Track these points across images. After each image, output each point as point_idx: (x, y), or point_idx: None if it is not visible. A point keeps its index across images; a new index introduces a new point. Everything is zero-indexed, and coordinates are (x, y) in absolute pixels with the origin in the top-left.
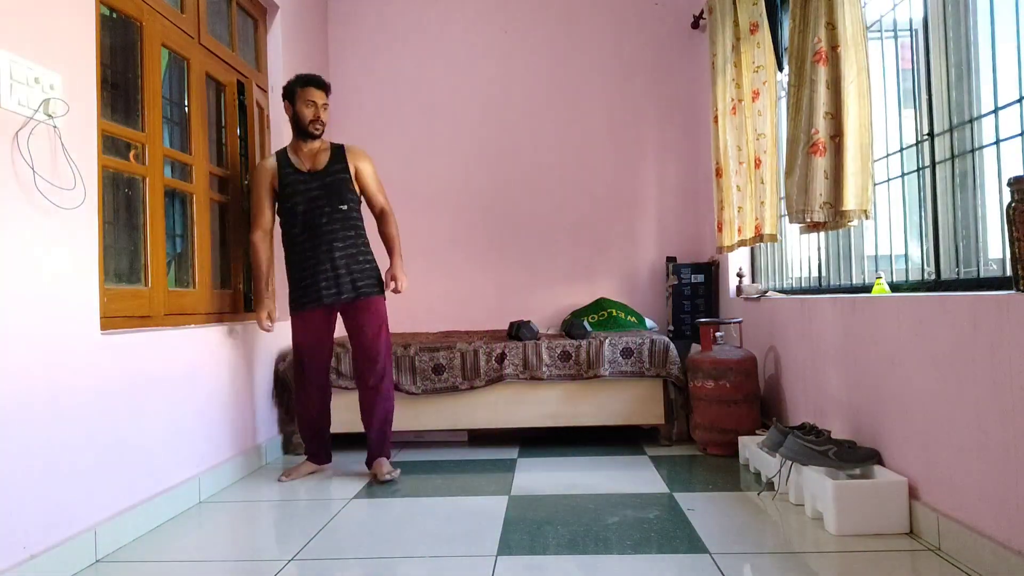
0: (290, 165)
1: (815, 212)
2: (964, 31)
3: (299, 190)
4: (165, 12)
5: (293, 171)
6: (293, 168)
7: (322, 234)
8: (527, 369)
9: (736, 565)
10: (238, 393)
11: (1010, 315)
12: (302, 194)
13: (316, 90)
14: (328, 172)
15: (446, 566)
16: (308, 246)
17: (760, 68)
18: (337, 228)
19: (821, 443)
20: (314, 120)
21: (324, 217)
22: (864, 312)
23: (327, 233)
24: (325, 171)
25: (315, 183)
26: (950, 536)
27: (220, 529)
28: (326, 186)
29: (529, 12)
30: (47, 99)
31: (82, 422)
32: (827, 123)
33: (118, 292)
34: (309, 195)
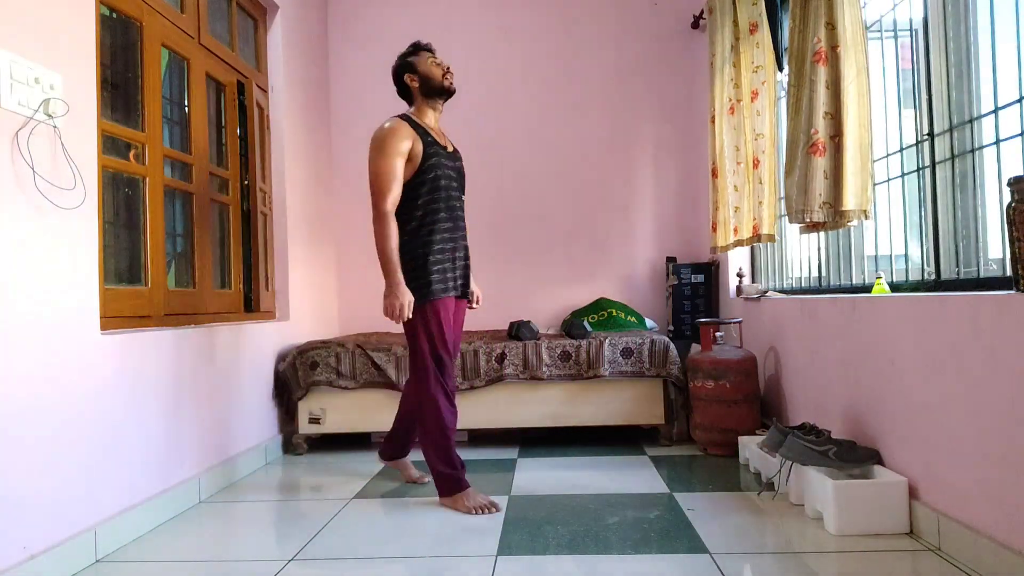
0: (429, 134)
1: (815, 212)
2: (964, 31)
3: (443, 165)
4: (165, 12)
5: (434, 142)
6: (433, 139)
7: (458, 219)
8: (527, 369)
9: (736, 565)
10: (238, 393)
11: (1010, 315)
12: (444, 169)
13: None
14: (457, 155)
15: (446, 566)
16: (449, 227)
17: (759, 68)
18: (463, 217)
19: (821, 443)
20: (446, 71)
21: (458, 202)
22: (864, 312)
23: (461, 219)
24: (455, 153)
25: (452, 163)
26: (950, 536)
27: (220, 529)
28: (459, 171)
29: (529, 12)
30: (47, 99)
31: (82, 422)
32: (827, 123)
33: (118, 292)
34: (449, 175)
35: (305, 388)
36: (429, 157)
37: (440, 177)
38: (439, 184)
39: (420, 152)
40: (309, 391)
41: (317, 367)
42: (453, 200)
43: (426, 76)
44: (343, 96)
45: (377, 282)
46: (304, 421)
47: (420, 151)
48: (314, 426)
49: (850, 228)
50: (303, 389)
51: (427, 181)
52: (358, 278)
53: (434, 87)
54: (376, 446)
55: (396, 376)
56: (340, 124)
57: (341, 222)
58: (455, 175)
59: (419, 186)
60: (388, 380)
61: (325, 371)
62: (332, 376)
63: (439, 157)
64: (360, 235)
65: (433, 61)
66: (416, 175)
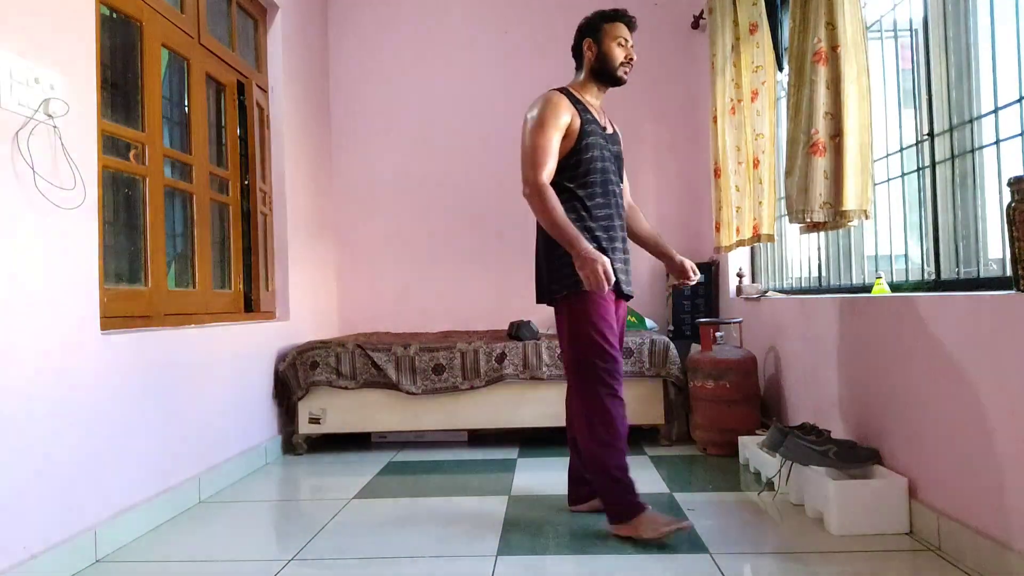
0: (588, 111)
1: (815, 212)
2: (964, 31)
3: (600, 144)
4: (165, 12)
5: (593, 120)
6: (592, 116)
7: (617, 206)
8: (527, 369)
9: (736, 565)
10: (238, 393)
11: (1010, 315)
12: (601, 150)
13: (627, 28)
14: (617, 139)
15: (446, 566)
16: (606, 214)
17: (759, 68)
18: (622, 204)
19: (821, 443)
20: (626, 63)
21: (617, 187)
22: (864, 312)
23: (619, 207)
24: (615, 135)
25: (611, 145)
26: (950, 536)
27: (220, 529)
28: (617, 155)
29: (529, 13)
30: (47, 99)
31: (82, 422)
32: (827, 123)
33: (118, 292)
34: (606, 155)
35: (305, 388)
36: (587, 135)
37: (597, 159)
38: (595, 166)
39: (577, 128)
40: (309, 391)
41: (317, 367)
42: (611, 185)
43: (604, 53)
44: (343, 96)
45: (377, 282)
46: (304, 421)
47: (577, 127)
48: (314, 426)
49: (850, 228)
50: (303, 389)
51: (583, 161)
52: (358, 278)
53: (606, 69)
54: (376, 446)
55: (396, 376)
56: (340, 124)
57: (341, 222)
58: (612, 159)
59: (578, 165)
60: (388, 380)
61: (325, 371)
62: (332, 376)
63: (597, 136)
64: (360, 235)
65: (621, 40)
66: (571, 154)
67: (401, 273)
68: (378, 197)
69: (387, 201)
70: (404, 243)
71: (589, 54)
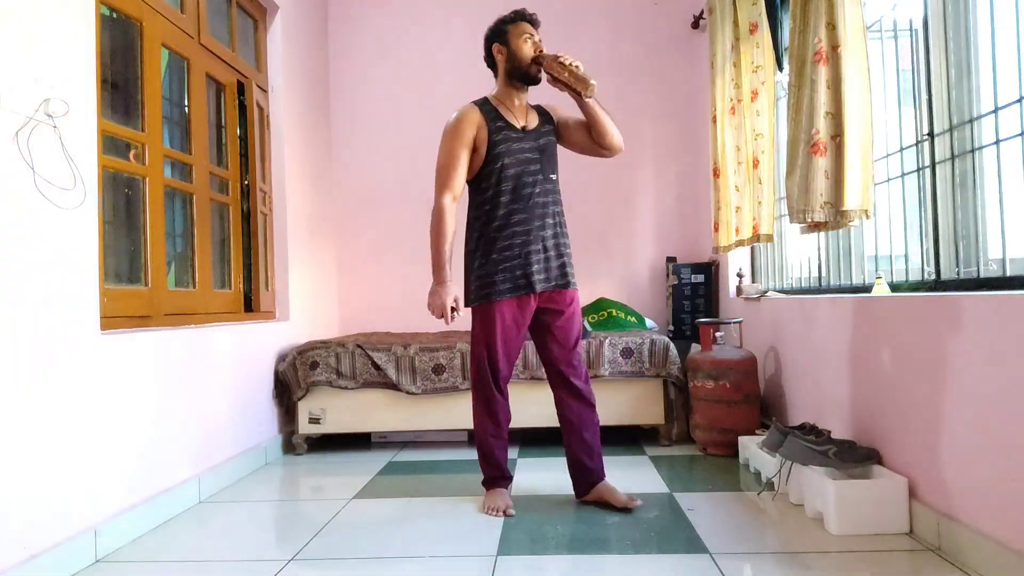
0: (500, 118)
1: (816, 212)
2: (964, 31)
3: (511, 150)
4: (165, 12)
5: (505, 125)
6: (505, 122)
7: (534, 207)
8: (527, 369)
9: (736, 565)
10: (238, 393)
11: (1010, 315)
12: (514, 155)
13: (529, 25)
14: (541, 132)
15: (446, 566)
16: (516, 220)
17: (759, 68)
18: (549, 202)
19: (821, 443)
20: (536, 56)
21: (537, 187)
22: (864, 312)
23: (539, 206)
24: (538, 130)
25: (528, 143)
26: (950, 536)
27: (220, 529)
28: (541, 148)
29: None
30: (47, 99)
31: (82, 422)
32: (827, 123)
33: (118, 292)
34: (521, 156)
35: (305, 388)
36: (496, 145)
37: (508, 166)
38: (506, 174)
39: (485, 139)
40: (309, 391)
41: (317, 367)
42: (526, 188)
43: (513, 53)
44: (343, 96)
45: (377, 282)
46: (304, 421)
47: (485, 138)
48: (314, 426)
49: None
50: (303, 389)
51: (488, 173)
52: (358, 278)
53: (517, 68)
54: (376, 446)
55: (396, 376)
56: (340, 124)
57: (341, 222)
58: (534, 156)
59: (484, 177)
60: (388, 380)
61: (325, 371)
62: (332, 376)
63: (509, 142)
64: (360, 235)
65: (527, 36)
66: (483, 165)
67: (401, 273)
68: (378, 197)
69: (387, 201)
70: (404, 243)
71: (500, 58)
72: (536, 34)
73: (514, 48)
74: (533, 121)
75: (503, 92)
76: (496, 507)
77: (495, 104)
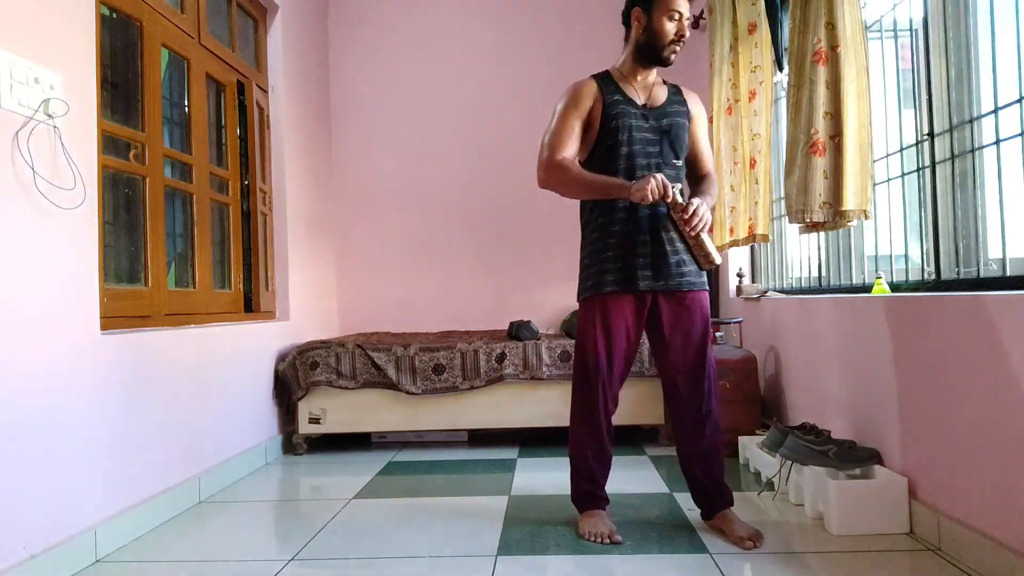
0: (620, 92)
1: (815, 212)
2: (964, 31)
3: (628, 126)
4: (165, 12)
5: (623, 100)
6: (623, 96)
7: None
8: (527, 369)
9: (736, 565)
10: (238, 393)
11: (1010, 315)
12: (631, 132)
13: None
14: (666, 112)
15: (446, 566)
16: (629, 205)
17: (757, 68)
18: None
19: (821, 443)
20: (677, 39)
21: (652, 170)
22: (864, 312)
23: None
24: (663, 109)
25: (649, 122)
26: (950, 536)
27: (220, 529)
28: (663, 130)
29: (529, 12)
30: (47, 99)
31: (82, 422)
32: (827, 123)
33: (118, 292)
34: (639, 136)
35: (305, 388)
36: (611, 119)
37: (623, 143)
38: (619, 152)
39: (600, 113)
40: (309, 391)
41: (317, 367)
42: (639, 170)
43: (653, 29)
44: (343, 96)
45: (377, 282)
46: (304, 421)
47: (599, 113)
48: (314, 426)
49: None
50: (303, 389)
51: (604, 150)
52: (358, 278)
53: (651, 47)
54: (376, 446)
55: (396, 376)
56: (340, 124)
57: (341, 222)
58: (653, 135)
59: (599, 155)
60: (388, 380)
61: (325, 371)
62: (332, 376)
63: (627, 117)
64: (360, 235)
65: (676, 14)
66: (597, 141)
67: (401, 273)
68: (378, 197)
69: (387, 201)
70: (404, 243)
71: (636, 25)
72: (687, 11)
73: (655, 22)
74: (659, 99)
75: (627, 65)
76: (598, 533)
77: (616, 77)
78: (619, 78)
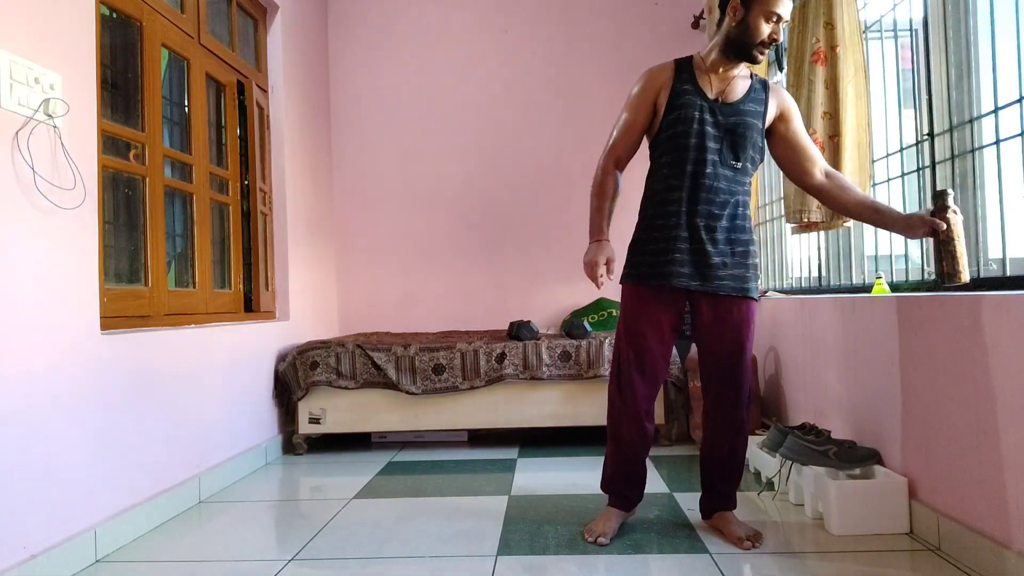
0: (692, 81)
1: (812, 212)
2: (964, 31)
3: (689, 118)
4: (165, 12)
5: (693, 90)
6: (694, 86)
7: (700, 188)
8: (527, 369)
9: (736, 565)
10: (238, 393)
11: (1010, 315)
12: (690, 124)
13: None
14: (739, 109)
15: (446, 566)
16: (676, 199)
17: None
18: (720, 189)
19: (821, 443)
20: (766, 42)
21: (708, 167)
22: (864, 312)
23: (706, 190)
24: (735, 106)
25: (716, 117)
26: (950, 536)
27: (220, 529)
28: (730, 127)
29: (529, 12)
30: (47, 99)
31: (82, 422)
32: (825, 123)
33: (118, 292)
34: (700, 128)
35: (305, 388)
36: (674, 108)
37: (679, 135)
38: (674, 143)
39: (666, 100)
40: (309, 391)
41: (317, 367)
42: (688, 164)
43: (747, 25)
44: (343, 96)
45: (377, 282)
46: (304, 421)
47: (664, 102)
48: (314, 426)
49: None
50: (303, 389)
51: (664, 139)
52: (358, 278)
53: (741, 43)
54: (376, 446)
55: (396, 376)
56: (340, 124)
57: (341, 222)
58: (716, 130)
59: (661, 143)
60: (388, 380)
61: (325, 371)
62: (332, 376)
63: (692, 109)
64: (360, 235)
65: (772, 13)
66: (661, 129)
67: (401, 273)
68: (378, 197)
69: (387, 201)
70: (404, 243)
71: (731, 16)
72: (785, 16)
73: (751, 19)
74: (736, 94)
75: (712, 54)
76: (592, 531)
77: (696, 65)
78: (698, 66)
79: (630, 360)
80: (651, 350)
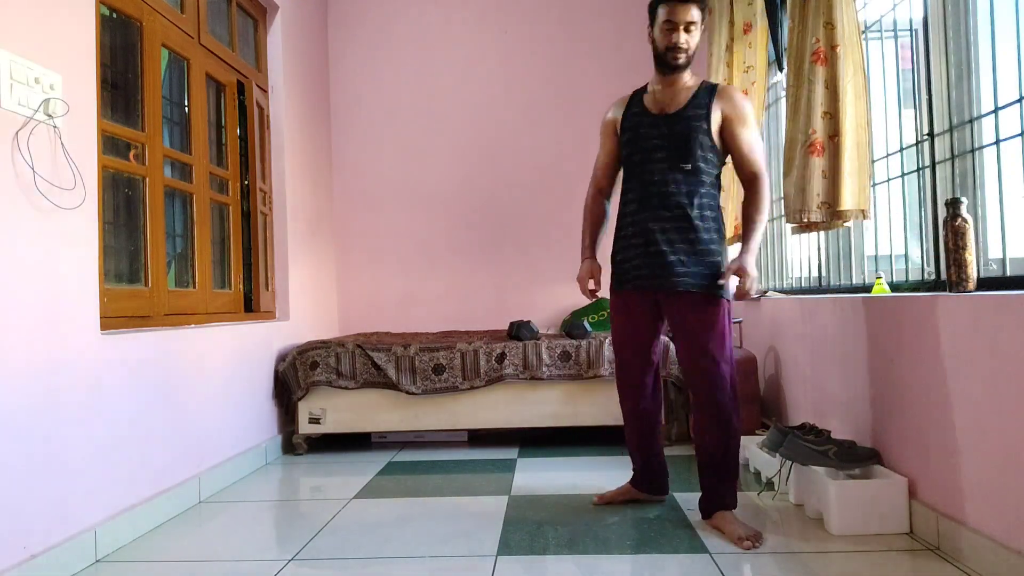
0: (639, 104)
1: (812, 212)
2: (964, 31)
3: (638, 136)
4: (165, 12)
5: (640, 112)
6: (641, 108)
7: (651, 196)
8: (527, 369)
9: (736, 565)
10: (238, 393)
11: (1010, 315)
12: (640, 142)
13: (679, 5)
14: (680, 117)
15: (446, 566)
16: (632, 210)
17: (750, 68)
18: (671, 192)
19: (821, 443)
20: (671, 48)
21: (656, 175)
22: (864, 312)
23: (656, 196)
24: (677, 115)
25: (658, 129)
26: (950, 536)
27: (220, 529)
28: (674, 135)
29: (529, 12)
30: (47, 99)
31: (82, 422)
32: (825, 123)
33: (118, 292)
34: (647, 144)
35: (305, 388)
36: (624, 132)
37: (633, 151)
38: (633, 160)
39: (617, 128)
40: (309, 391)
41: (317, 367)
42: (645, 175)
43: (654, 40)
44: (343, 96)
45: (377, 282)
46: (304, 421)
47: (616, 127)
48: (314, 426)
49: (850, 228)
50: (303, 389)
51: (624, 158)
52: (358, 278)
53: (657, 54)
54: (376, 446)
55: (396, 376)
56: (340, 124)
57: (341, 222)
58: (660, 141)
59: (623, 164)
60: (388, 380)
61: (325, 371)
62: (332, 376)
63: (637, 129)
64: (360, 235)
65: (665, 25)
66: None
67: (401, 273)
68: (378, 197)
69: (387, 201)
70: (404, 243)
71: (648, 36)
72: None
73: (655, 34)
74: (679, 103)
75: (654, 75)
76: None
77: (646, 88)
78: (647, 89)
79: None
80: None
